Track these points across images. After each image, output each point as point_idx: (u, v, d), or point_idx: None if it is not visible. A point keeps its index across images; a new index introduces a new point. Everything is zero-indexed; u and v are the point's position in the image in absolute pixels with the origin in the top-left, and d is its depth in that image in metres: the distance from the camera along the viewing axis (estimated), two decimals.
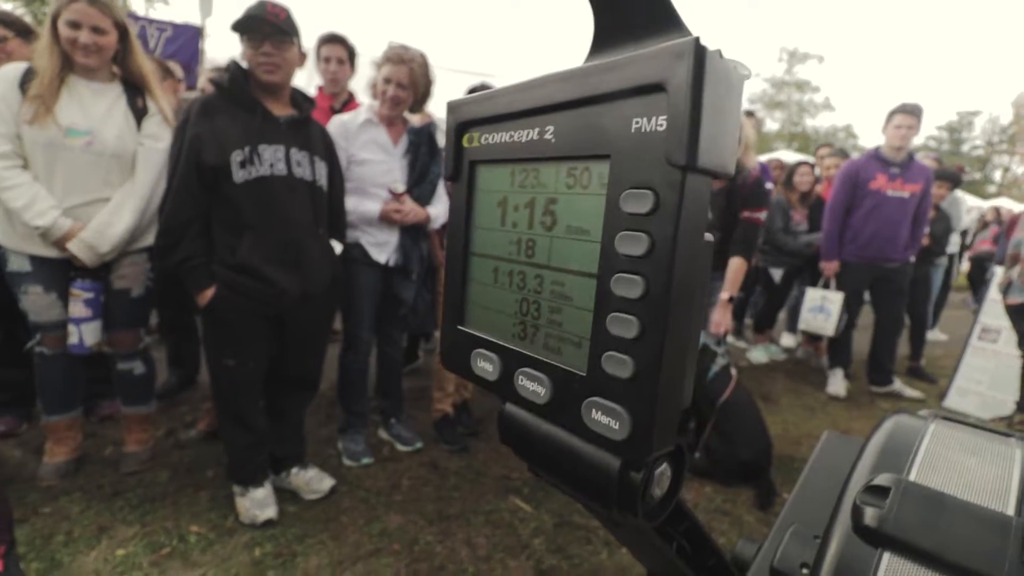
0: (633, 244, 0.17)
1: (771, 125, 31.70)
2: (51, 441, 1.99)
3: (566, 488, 0.22)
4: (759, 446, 2.21)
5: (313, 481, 1.98)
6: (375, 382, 2.47)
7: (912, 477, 0.47)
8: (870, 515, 0.38)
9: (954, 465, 0.49)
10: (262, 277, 1.65)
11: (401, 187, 2.09)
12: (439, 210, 2.22)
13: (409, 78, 2.03)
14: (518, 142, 0.21)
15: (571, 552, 1.79)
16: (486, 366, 0.23)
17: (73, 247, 1.75)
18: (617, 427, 0.17)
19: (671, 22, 0.20)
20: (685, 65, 0.15)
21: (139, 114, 1.87)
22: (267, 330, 1.77)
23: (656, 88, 0.16)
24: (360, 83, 2.24)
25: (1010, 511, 0.41)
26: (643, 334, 0.17)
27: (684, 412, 0.18)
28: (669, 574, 0.30)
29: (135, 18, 5.62)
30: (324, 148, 1.83)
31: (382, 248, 2.13)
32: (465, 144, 0.24)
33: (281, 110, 1.72)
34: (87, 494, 1.89)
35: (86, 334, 1.82)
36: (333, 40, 2.67)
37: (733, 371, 2.35)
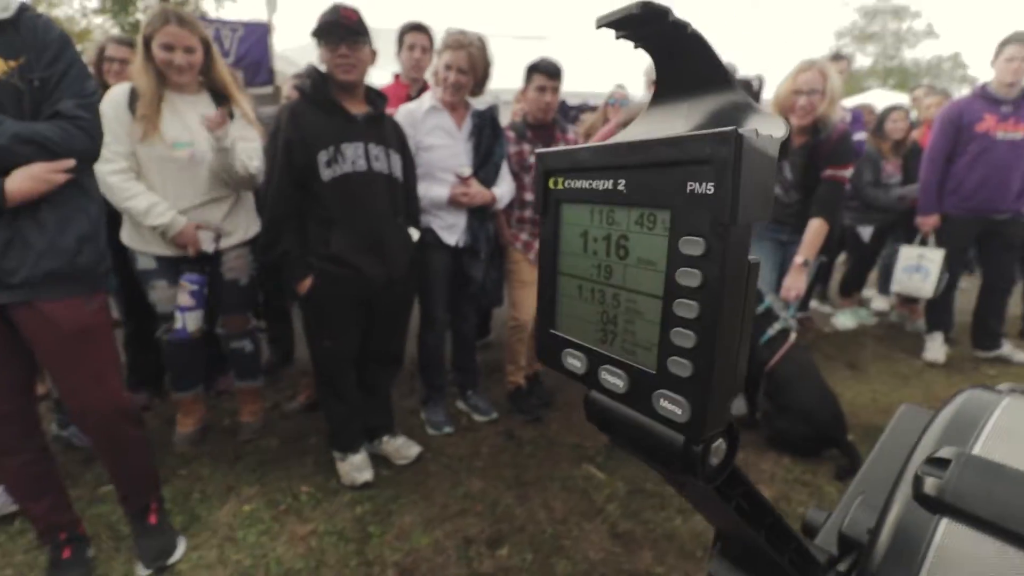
0: (689, 278, 0.22)
1: (862, 61, 28.33)
2: (180, 413, 2.30)
3: (639, 456, 0.27)
4: (821, 418, 2.12)
5: (402, 448, 2.17)
6: (451, 357, 2.61)
7: (977, 450, 0.48)
8: (929, 484, 0.41)
9: (1022, 439, 0.49)
10: (352, 266, 1.82)
11: (467, 170, 2.16)
12: (504, 190, 2.28)
13: (468, 62, 2.08)
14: (595, 189, 0.26)
15: (645, 517, 1.85)
16: (575, 363, 0.29)
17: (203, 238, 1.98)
18: (680, 413, 0.23)
19: (722, 80, 0.25)
20: (727, 148, 0.20)
21: (234, 122, 2.05)
22: (357, 313, 1.94)
23: (705, 161, 0.20)
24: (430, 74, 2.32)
25: None
26: (698, 345, 0.22)
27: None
28: (733, 530, 0.35)
29: (208, 21, 6.00)
30: (398, 141, 1.95)
31: (451, 230, 2.23)
32: (551, 186, 0.29)
33: (358, 108, 1.84)
34: (214, 459, 2.18)
35: (189, 321, 2.03)
36: (417, 28, 2.73)
37: (792, 336, 2.26)
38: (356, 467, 2.02)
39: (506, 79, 3.20)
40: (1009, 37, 2.94)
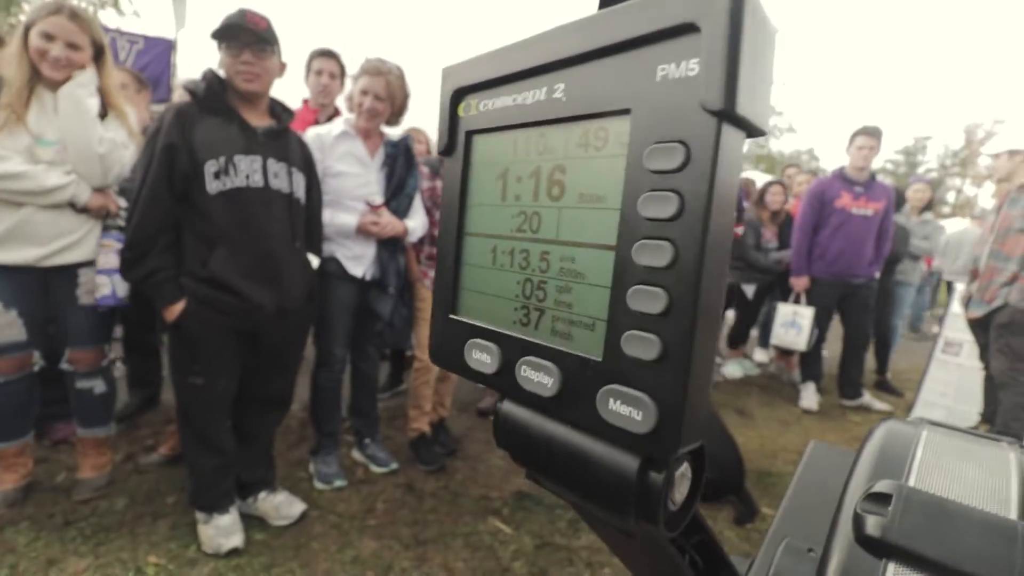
0: (660, 205, 0.15)
1: None
2: (5, 468, 1.85)
3: (572, 496, 0.19)
4: (724, 462, 2.19)
5: (282, 506, 1.89)
6: (348, 401, 2.39)
7: (911, 484, 0.46)
8: (872, 524, 0.36)
9: (951, 471, 0.48)
10: (236, 291, 1.59)
11: (378, 199, 2.06)
12: (416, 223, 2.19)
13: (386, 90, 2.02)
14: (522, 105, 0.19)
15: (552, 575, 1.74)
16: (483, 357, 0.21)
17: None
18: (640, 417, 0.15)
19: None
20: (721, 2, 0.13)
21: (106, 124, 1.82)
22: (238, 347, 1.70)
23: (687, 29, 0.14)
24: (343, 99, 2.23)
25: (1013, 515, 0.40)
26: (672, 307, 0.15)
27: None
28: None
29: (105, 30, 5.49)
30: (303, 160, 1.79)
31: (358, 261, 2.08)
32: (461, 113, 0.22)
33: (259, 120, 1.68)
34: (36, 524, 1.76)
35: (118, 285, 1.80)
36: (326, 55, 2.68)
37: None
38: (223, 531, 1.71)
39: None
40: (860, 129, 3.48)
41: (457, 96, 0.22)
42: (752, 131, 0.15)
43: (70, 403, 1.98)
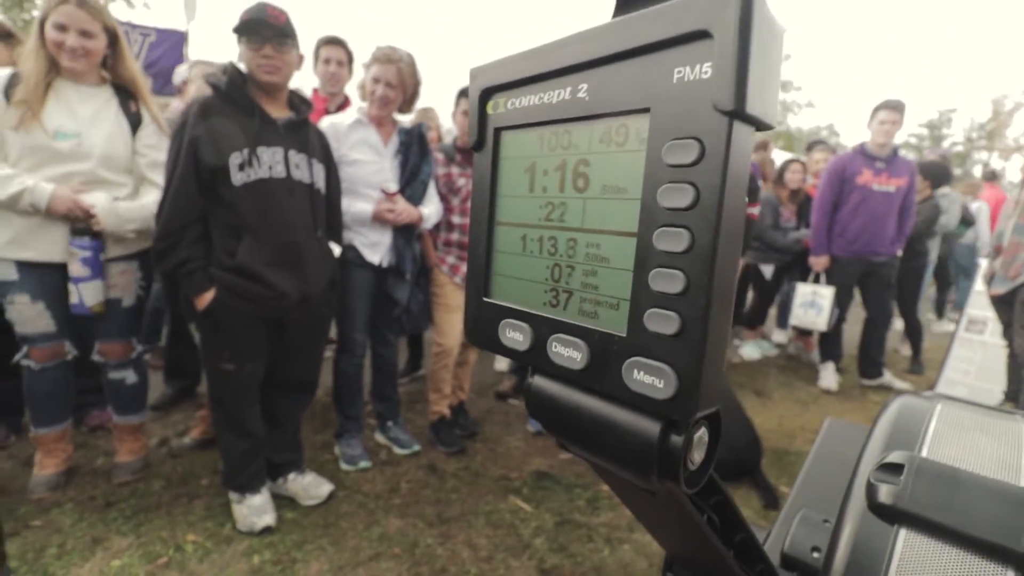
0: (677, 196, 0.17)
1: None
2: (41, 453, 1.95)
3: (599, 459, 0.21)
4: (740, 443, 2.20)
5: (311, 486, 1.96)
6: (370, 385, 2.45)
7: (924, 455, 0.47)
8: (885, 492, 0.38)
9: (963, 443, 0.49)
10: (262, 280, 1.64)
11: (393, 187, 2.08)
12: (431, 210, 2.22)
13: (398, 78, 2.03)
14: (548, 104, 0.21)
15: (573, 551, 1.78)
16: (516, 336, 0.23)
17: (100, 210, 1.73)
18: (661, 385, 0.17)
19: None
20: (732, 9, 0.15)
21: (133, 119, 1.85)
22: (265, 333, 1.75)
23: (700, 35, 0.16)
24: (355, 88, 2.25)
25: (1022, 483, 0.41)
26: (689, 287, 0.16)
27: None
28: (695, 551, 0.30)
29: (118, 23, 5.55)
30: (321, 150, 1.82)
31: (375, 249, 2.11)
32: (490, 111, 0.23)
33: (279, 112, 1.71)
34: (79, 506, 1.85)
35: (86, 294, 1.75)
36: (333, 42, 2.70)
37: None
38: (255, 510, 1.78)
39: None
40: (881, 103, 3.38)
41: (486, 95, 0.23)
42: (760, 126, 0.16)
43: (104, 392, 2.06)
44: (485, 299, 0.24)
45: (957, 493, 0.36)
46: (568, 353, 0.20)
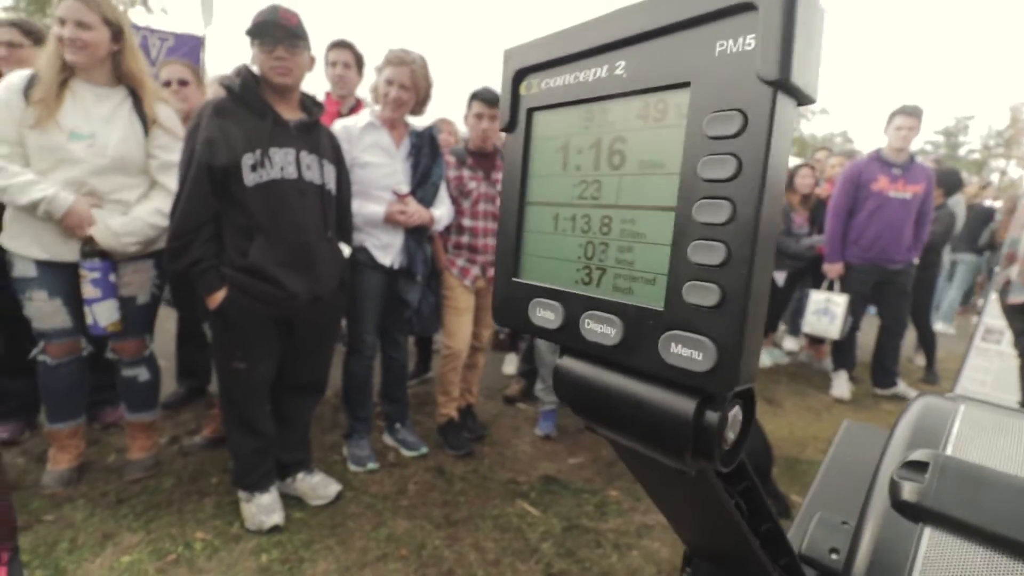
0: (719, 168, 0.16)
1: None
2: (54, 448, 1.97)
3: (631, 439, 0.21)
4: (751, 451, 2.17)
5: (319, 487, 1.96)
6: (379, 387, 2.45)
7: (948, 454, 0.46)
8: (909, 489, 0.37)
9: (988, 443, 0.48)
10: (273, 280, 1.65)
11: (405, 188, 2.09)
12: (442, 212, 2.23)
13: (411, 80, 2.05)
14: (584, 82, 0.21)
15: (581, 556, 1.77)
16: (547, 315, 0.23)
17: (98, 233, 1.75)
18: (700, 357, 0.17)
19: None
20: None
21: (145, 120, 1.87)
22: (276, 334, 1.77)
23: (744, 7, 0.16)
24: (366, 90, 2.27)
25: None
26: (730, 258, 0.16)
27: None
28: (716, 543, 0.29)
29: (136, 28, 5.64)
30: (332, 152, 1.84)
31: (386, 250, 2.12)
32: (523, 92, 0.24)
33: (291, 114, 1.73)
34: (91, 501, 1.87)
35: (99, 315, 1.79)
36: (341, 45, 2.74)
37: None
38: (264, 509, 1.79)
39: None
40: (898, 109, 3.35)
41: (519, 76, 0.23)
42: (803, 99, 0.16)
43: (117, 389, 2.09)
44: (514, 279, 0.24)
45: (983, 491, 0.35)
46: (602, 329, 0.20)
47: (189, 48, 5.78)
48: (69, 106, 1.72)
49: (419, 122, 2.31)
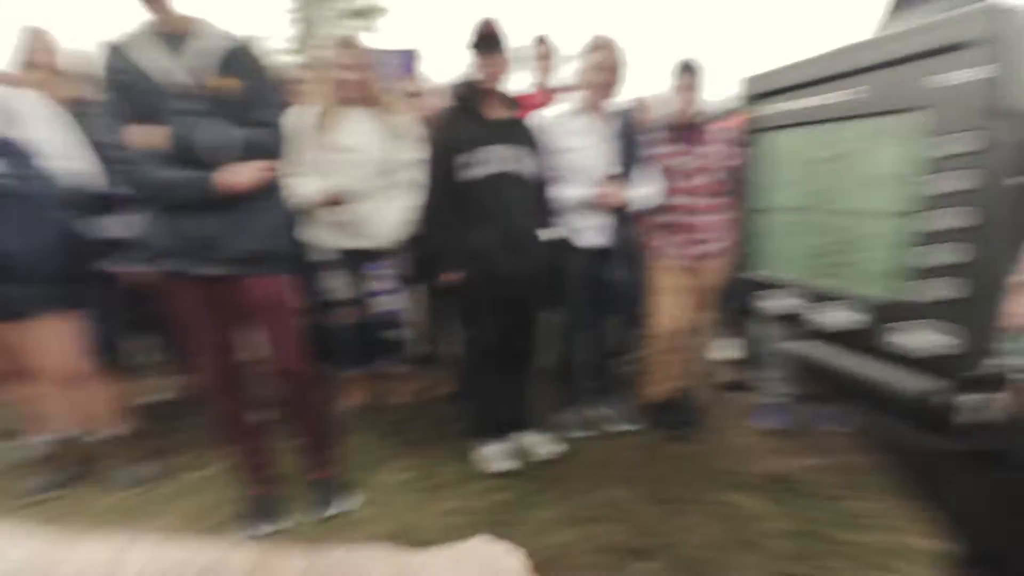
0: (954, 181, 0.17)
1: None
2: (349, 390, 2.59)
3: (874, 413, 0.22)
4: None
5: (540, 445, 2.20)
6: (590, 363, 2.55)
7: None
8: None
9: None
10: (494, 263, 1.94)
11: (609, 171, 2.13)
12: (646, 192, 2.19)
13: (616, 63, 2.10)
14: (825, 104, 0.22)
15: (822, 564, 1.59)
16: (782, 305, 0.25)
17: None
18: (943, 344, 0.18)
19: None
20: (1001, 23, 0.15)
21: (393, 131, 2.22)
22: (502, 308, 2.04)
23: (972, 43, 0.16)
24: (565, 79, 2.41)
25: None
26: (973, 259, 0.17)
27: None
28: (1004, 542, 0.27)
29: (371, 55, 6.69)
30: (534, 143, 2.04)
31: (591, 232, 2.20)
32: (763, 112, 0.26)
33: (499, 113, 1.98)
34: (373, 432, 2.40)
35: (384, 304, 2.35)
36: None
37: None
38: (496, 456, 2.10)
39: None
40: None
41: (758, 99, 0.26)
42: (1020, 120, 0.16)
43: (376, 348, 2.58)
44: (752, 272, 0.27)
45: None
46: (838, 317, 0.22)
47: (406, 61, 6.61)
48: (340, 127, 2.15)
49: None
